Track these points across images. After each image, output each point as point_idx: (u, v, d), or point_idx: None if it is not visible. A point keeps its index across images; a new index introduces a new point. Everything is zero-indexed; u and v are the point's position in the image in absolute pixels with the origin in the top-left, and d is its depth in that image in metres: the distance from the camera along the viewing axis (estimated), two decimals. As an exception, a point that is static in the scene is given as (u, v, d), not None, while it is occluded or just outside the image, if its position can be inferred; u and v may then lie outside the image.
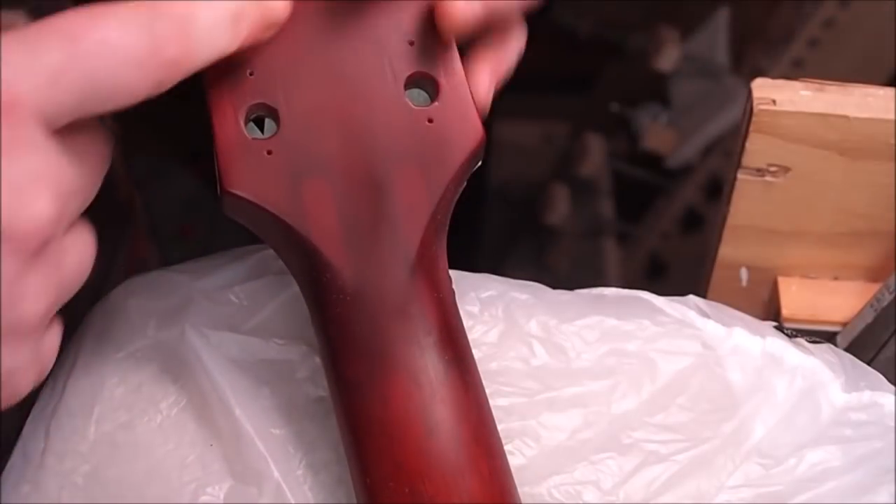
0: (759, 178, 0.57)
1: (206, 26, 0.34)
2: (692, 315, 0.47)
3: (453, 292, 0.40)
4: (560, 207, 1.25)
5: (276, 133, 0.39)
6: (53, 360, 0.35)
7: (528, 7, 0.42)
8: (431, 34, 0.40)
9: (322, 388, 0.44)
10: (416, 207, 0.39)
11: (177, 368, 0.44)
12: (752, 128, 0.55)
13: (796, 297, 0.61)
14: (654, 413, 0.44)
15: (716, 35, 1.23)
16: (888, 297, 0.54)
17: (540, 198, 1.28)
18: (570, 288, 0.49)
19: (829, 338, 0.57)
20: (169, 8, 0.33)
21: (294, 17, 0.39)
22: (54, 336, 0.35)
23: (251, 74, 0.39)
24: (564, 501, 0.42)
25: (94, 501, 0.42)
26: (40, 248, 0.31)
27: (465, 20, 0.39)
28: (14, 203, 0.30)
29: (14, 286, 0.31)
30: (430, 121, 0.40)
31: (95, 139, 0.34)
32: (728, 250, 0.61)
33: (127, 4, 0.33)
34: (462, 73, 0.40)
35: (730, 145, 1.12)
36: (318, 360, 0.44)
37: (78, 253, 0.34)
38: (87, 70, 0.31)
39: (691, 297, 0.48)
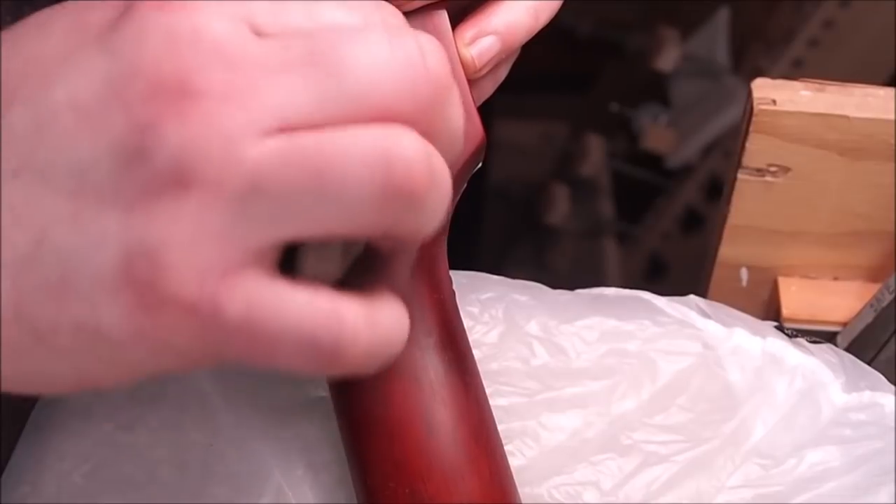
0: (759, 178, 0.57)
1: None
2: (692, 315, 0.47)
3: (454, 293, 0.40)
4: (560, 207, 1.25)
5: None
6: None
7: None
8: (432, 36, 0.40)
9: (322, 388, 0.44)
10: (416, 208, 0.39)
11: (177, 369, 0.44)
12: (752, 128, 0.55)
13: (796, 297, 0.61)
14: (654, 413, 0.44)
15: (716, 35, 1.23)
16: (888, 297, 0.54)
17: (540, 198, 1.28)
18: (570, 288, 0.49)
19: (829, 338, 0.56)
20: None
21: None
22: None
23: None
24: (564, 502, 0.42)
25: (94, 501, 0.42)
26: None
27: None
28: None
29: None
30: (431, 121, 0.40)
31: None
32: (728, 250, 0.61)
33: None
34: (463, 75, 0.40)
35: (730, 145, 1.12)
36: (318, 360, 0.44)
37: None
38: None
39: (691, 297, 0.48)
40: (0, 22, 0.36)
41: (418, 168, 0.28)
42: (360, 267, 0.34)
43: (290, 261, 0.30)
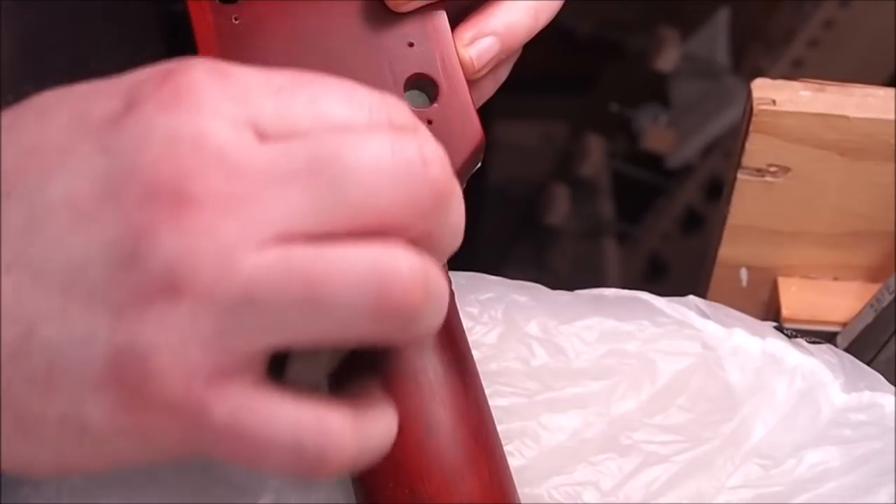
0: (759, 178, 0.57)
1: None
2: (692, 315, 0.47)
3: (453, 293, 0.40)
4: (560, 207, 1.25)
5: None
6: None
7: None
8: (431, 36, 0.40)
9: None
10: (415, 208, 0.39)
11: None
12: (752, 128, 0.55)
13: (796, 298, 0.61)
14: (654, 414, 0.45)
15: (716, 35, 1.23)
16: (888, 298, 0.54)
17: (540, 198, 1.27)
18: (570, 288, 0.49)
19: (829, 338, 0.57)
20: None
21: (293, 17, 0.39)
22: None
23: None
24: (564, 502, 0.42)
25: (93, 501, 0.42)
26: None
27: None
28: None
29: None
30: (430, 122, 0.40)
31: None
32: (728, 250, 0.61)
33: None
34: (462, 74, 0.40)
35: (730, 145, 1.12)
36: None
37: None
38: None
39: (691, 297, 0.48)
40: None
41: (414, 286, 0.28)
42: (350, 361, 0.34)
43: (277, 361, 0.30)
